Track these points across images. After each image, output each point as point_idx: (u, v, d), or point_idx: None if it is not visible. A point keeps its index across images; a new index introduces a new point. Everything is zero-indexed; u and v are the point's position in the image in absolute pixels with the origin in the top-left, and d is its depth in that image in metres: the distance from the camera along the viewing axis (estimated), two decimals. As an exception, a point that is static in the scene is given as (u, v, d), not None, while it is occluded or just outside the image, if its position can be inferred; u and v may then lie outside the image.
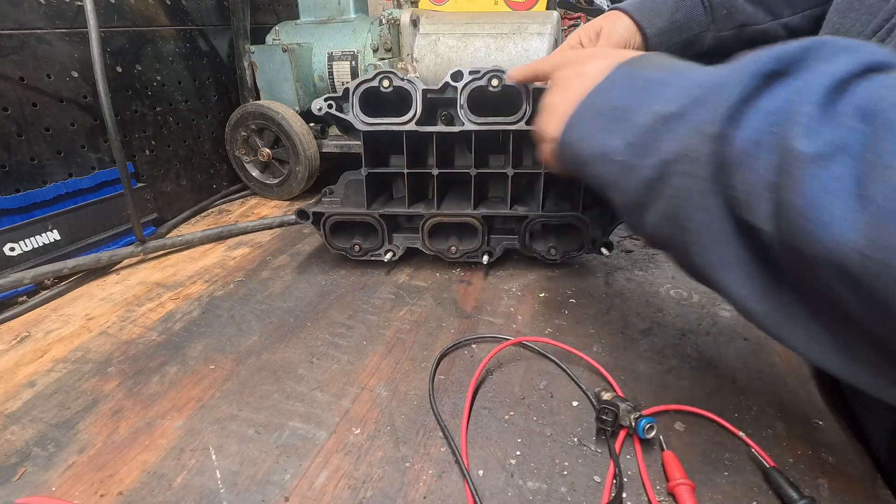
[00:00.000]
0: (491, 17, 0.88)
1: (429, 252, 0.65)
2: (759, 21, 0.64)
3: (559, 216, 0.63)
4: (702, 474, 0.37)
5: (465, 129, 0.60)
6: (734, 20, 0.64)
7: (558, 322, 0.55)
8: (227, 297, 0.63)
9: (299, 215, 0.65)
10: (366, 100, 0.61)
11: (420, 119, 0.60)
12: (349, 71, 0.89)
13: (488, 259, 0.65)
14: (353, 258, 0.67)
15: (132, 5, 0.77)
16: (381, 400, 0.45)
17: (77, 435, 0.42)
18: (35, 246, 0.65)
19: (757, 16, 0.64)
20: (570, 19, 1.28)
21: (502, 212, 0.64)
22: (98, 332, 0.56)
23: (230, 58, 0.97)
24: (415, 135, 0.61)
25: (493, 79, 0.57)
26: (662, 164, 0.30)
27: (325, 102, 0.60)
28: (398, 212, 0.66)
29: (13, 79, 0.63)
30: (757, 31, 0.64)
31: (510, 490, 0.36)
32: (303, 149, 0.88)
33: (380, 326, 0.56)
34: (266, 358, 0.51)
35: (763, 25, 0.64)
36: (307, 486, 0.37)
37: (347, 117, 0.61)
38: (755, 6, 0.64)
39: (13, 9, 0.62)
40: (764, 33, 0.64)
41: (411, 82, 0.60)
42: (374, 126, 0.61)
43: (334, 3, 0.94)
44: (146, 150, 0.82)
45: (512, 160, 0.62)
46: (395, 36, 0.86)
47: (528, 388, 0.46)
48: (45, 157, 0.67)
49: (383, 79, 0.59)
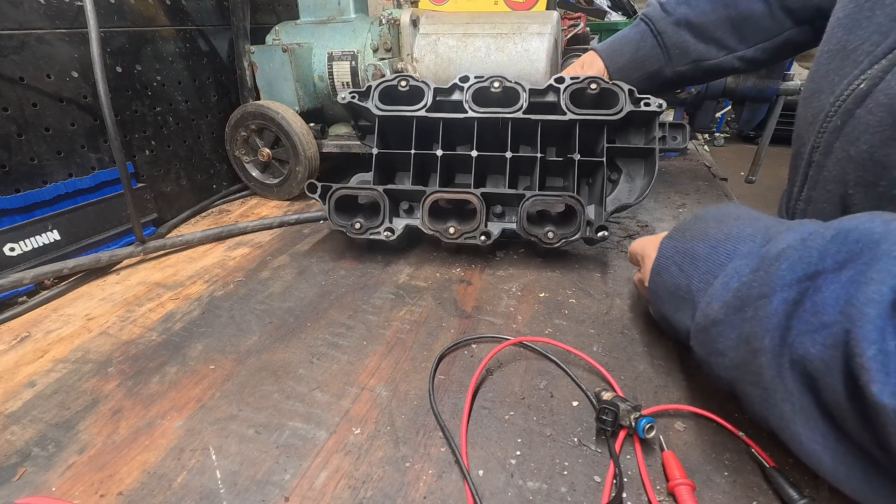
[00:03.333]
0: (491, 17, 0.88)
1: (428, 231, 0.65)
2: (711, 56, 0.73)
3: (555, 195, 0.64)
4: (702, 474, 0.37)
5: (470, 116, 0.68)
6: (688, 56, 0.74)
7: (558, 322, 0.55)
8: (227, 297, 0.63)
9: (309, 188, 0.68)
10: (381, 97, 0.70)
11: (429, 109, 0.69)
12: (349, 71, 0.89)
13: (485, 240, 0.64)
14: (351, 235, 0.67)
15: (132, 5, 0.77)
16: (381, 400, 0.45)
17: (77, 435, 0.42)
18: (35, 246, 0.65)
19: (709, 52, 0.73)
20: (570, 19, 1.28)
21: (501, 190, 0.66)
22: (98, 332, 0.56)
23: (230, 58, 0.97)
24: (424, 121, 0.69)
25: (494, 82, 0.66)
26: (735, 343, 0.33)
27: (349, 94, 0.71)
28: (402, 188, 0.68)
29: (13, 79, 0.63)
30: (711, 65, 0.74)
31: (510, 490, 0.36)
32: (303, 149, 0.88)
33: (380, 326, 0.56)
34: (266, 358, 0.51)
35: (716, 60, 0.73)
36: (307, 486, 0.37)
37: (367, 105, 0.70)
38: (707, 44, 0.73)
39: (13, 9, 0.62)
40: (719, 66, 0.74)
41: (424, 83, 0.69)
42: (389, 112, 0.69)
43: (334, 3, 0.94)
44: (146, 150, 0.82)
45: (510, 145, 0.67)
46: (395, 36, 0.86)
47: (528, 388, 0.46)
48: (45, 158, 0.67)
49: (401, 80, 0.69)
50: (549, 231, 0.64)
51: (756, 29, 0.70)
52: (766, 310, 0.30)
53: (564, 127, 0.67)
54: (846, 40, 0.45)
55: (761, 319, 0.31)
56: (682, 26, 0.72)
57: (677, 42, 0.73)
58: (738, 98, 1.09)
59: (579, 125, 0.66)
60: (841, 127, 0.44)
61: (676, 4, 0.72)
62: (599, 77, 0.66)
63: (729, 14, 0.69)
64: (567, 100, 0.66)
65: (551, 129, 0.68)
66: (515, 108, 0.67)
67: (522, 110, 0.66)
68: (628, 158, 0.69)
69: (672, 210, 0.86)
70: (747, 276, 0.33)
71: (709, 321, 0.35)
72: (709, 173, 1.07)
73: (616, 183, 0.70)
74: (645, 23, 0.75)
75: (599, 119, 0.66)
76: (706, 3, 0.70)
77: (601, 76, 0.71)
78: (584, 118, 0.66)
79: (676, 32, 0.72)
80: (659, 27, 0.73)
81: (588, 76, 0.66)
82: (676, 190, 0.96)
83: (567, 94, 0.66)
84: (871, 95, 0.41)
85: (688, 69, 0.75)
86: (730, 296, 0.34)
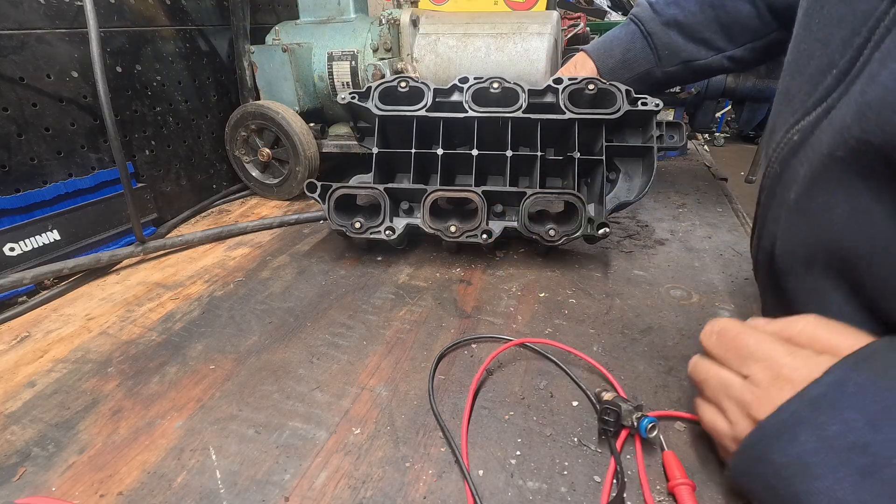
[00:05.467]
0: (491, 17, 0.88)
1: (429, 230, 0.65)
2: (701, 57, 0.73)
3: (556, 192, 0.64)
4: (702, 474, 0.37)
5: (470, 115, 0.68)
6: (678, 57, 0.74)
7: (558, 322, 0.55)
8: (227, 297, 0.63)
9: (308, 188, 0.68)
10: (380, 97, 0.70)
11: (429, 109, 0.69)
12: (349, 71, 0.89)
13: (487, 238, 0.64)
14: (351, 235, 0.66)
15: (132, 5, 0.77)
16: (381, 400, 0.45)
17: (77, 435, 0.42)
18: (35, 246, 0.65)
19: (699, 52, 0.73)
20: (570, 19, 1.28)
21: (502, 188, 0.66)
22: (98, 332, 0.56)
23: (230, 58, 0.97)
24: (424, 120, 0.69)
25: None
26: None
27: (349, 94, 0.70)
28: (403, 186, 0.68)
29: (13, 79, 0.63)
30: (700, 65, 0.74)
31: (510, 490, 0.36)
32: (303, 149, 0.88)
33: (380, 326, 0.56)
34: (266, 358, 0.51)
35: (706, 60, 0.73)
36: (307, 486, 0.37)
37: (367, 105, 0.70)
38: (696, 44, 0.73)
39: (13, 9, 0.62)
40: (708, 66, 0.74)
41: (424, 83, 0.69)
42: (389, 112, 0.69)
43: (334, 3, 0.94)
44: (146, 150, 0.82)
45: (510, 144, 0.67)
46: (395, 36, 0.86)
47: (528, 388, 0.46)
48: (45, 158, 0.67)
49: (401, 81, 0.69)
50: (551, 229, 0.64)
51: (743, 30, 0.70)
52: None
53: (563, 126, 0.67)
54: (789, 85, 0.43)
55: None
56: (672, 27, 0.72)
57: (667, 43, 0.73)
58: (738, 98, 1.09)
59: (578, 124, 0.66)
60: (780, 174, 0.41)
61: (666, 5, 0.72)
62: (597, 77, 0.66)
63: (717, 15, 0.70)
64: (566, 99, 0.66)
65: (550, 128, 0.68)
66: (515, 107, 0.67)
67: (522, 110, 0.67)
68: (626, 158, 0.70)
69: (672, 210, 0.86)
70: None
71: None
72: (709, 173, 1.07)
73: (615, 182, 0.70)
74: (635, 23, 0.75)
75: (598, 118, 0.66)
76: (694, 4, 0.71)
77: (597, 77, 0.72)
78: (583, 117, 0.66)
79: (666, 33, 0.72)
80: (649, 28, 0.73)
81: (586, 77, 0.66)
82: (676, 190, 0.96)
83: (565, 95, 0.67)
84: (803, 148, 0.38)
85: (677, 70, 0.75)
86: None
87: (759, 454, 0.30)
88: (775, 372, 0.31)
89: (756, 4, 0.68)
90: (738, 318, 0.38)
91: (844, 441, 0.26)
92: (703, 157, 1.18)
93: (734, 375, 0.34)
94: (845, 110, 0.33)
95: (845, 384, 0.28)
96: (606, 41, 0.78)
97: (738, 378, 0.34)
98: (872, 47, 0.32)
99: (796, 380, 0.30)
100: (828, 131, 0.35)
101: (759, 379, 0.32)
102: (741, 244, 0.73)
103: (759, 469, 0.30)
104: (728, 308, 0.57)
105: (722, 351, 0.36)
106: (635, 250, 0.72)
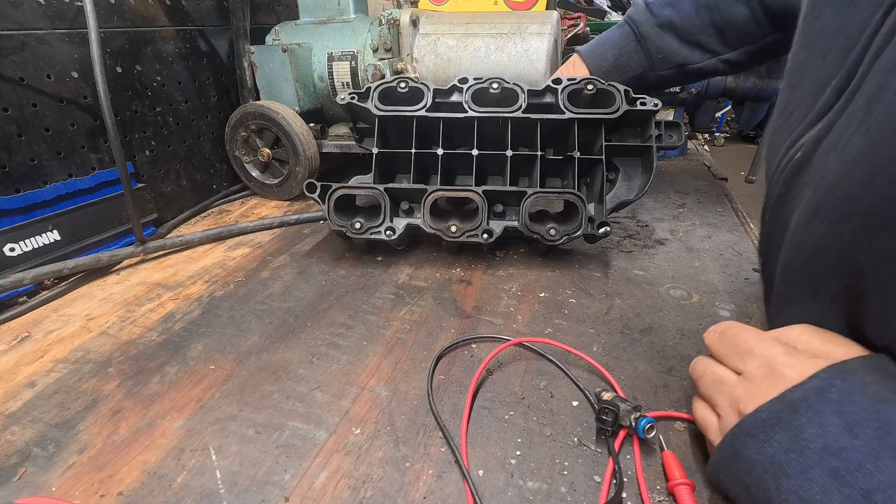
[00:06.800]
0: (491, 17, 0.88)
1: (430, 230, 0.65)
2: (695, 60, 0.73)
3: (557, 191, 0.64)
4: (701, 474, 0.37)
5: (470, 115, 0.68)
6: (672, 61, 0.73)
7: (558, 322, 0.55)
8: (227, 297, 0.63)
9: (308, 188, 0.68)
10: (380, 98, 0.70)
11: (429, 110, 0.69)
12: (349, 71, 0.89)
13: (488, 238, 0.64)
14: (351, 235, 0.66)
15: (132, 6, 0.77)
16: (381, 400, 0.45)
17: (77, 435, 0.42)
18: (35, 246, 0.65)
19: (693, 56, 0.72)
20: (570, 19, 1.28)
21: (502, 187, 0.66)
22: (98, 333, 0.56)
23: (230, 58, 0.97)
24: (424, 120, 0.69)
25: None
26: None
27: (348, 95, 0.71)
28: (403, 186, 0.68)
29: (13, 79, 0.63)
30: (695, 68, 0.73)
31: (510, 490, 0.36)
32: (303, 149, 0.88)
33: (380, 326, 0.56)
34: (266, 358, 0.51)
35: (700, 64, 0.73)
36: (307, 486, 0.37)
37: (366, 105, 0.70)
38: (690, 48, 0.72)
39: (13, 9, 0.62)
40: (702, 70, 0.73)
41: (424, 84, 0.69)
42: (388, 112, 0.69)
43: (334, 4, 0.94)
44: (146, 151, 0.83)
45: (510, 144, 0.67)
46: (395, 36, 0.86)
47: (527, 388, 0.46)
48: (45, 158, 0.67)
49: (401, 81, 0.69)
50: (552, 228, 0.64)
51: (738, 33, 0.69)
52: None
53: (563, 126, 0.67)
54: (788, 98, 0.41)
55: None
56: (666, 29, 0.71)
57: (661, 46, 0.72)
58: (738, 98, 1.09)
59: (577, 124, 0.66)
60: (785, 195, 0.38)
61: (661, 6, 0.72)
62: (596, 78, 0.66)
63: (712, 17, 0.69)
64: (565, 99, 0.67)
65: (550, 128, 0.68)
66: (514, 107, 0.67)
67: (521, 110, 0.67)
68: (626, 157, 0.70)
69: (672, 210, 0.86)
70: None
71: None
72: (709, 173, 1.07)
73: (614, 182, 0.70)
74: (629, 26, 0.74)
75: (597, 118, 0.66)
76: (689, 6, 0.70)
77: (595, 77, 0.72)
78: (583, 117, 0.66)
79: (660, 36, 0.72)
80: (642, 31, 0.73)
81: (585, 77, 0.66)
82: (676, 190, 0.96)
83: (565, 95, 0.67)
84: (807, 168, 0.35)
85: (671, 73, 0.74)
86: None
87: (736, 451, 0.31)
88: (771, 367, 0.32)
89: (752, 7, 0.67)
90: (738, 319, 0.38)
91: (819, 443, 0.27)
92: (703, 157, 1.18)
93: (729, 371, 0.35)
94: (851, 131, 0.30)
95: (828, 390, 0.28)
96: (599, 44, 0.78)
97: (733, 374, 0.34)
98: (871, 59, 0.30)
99: (790, 377, 0.30)
100: (832, 154, 0.32)
101: (754, 374, 0.32)
102: (741, 244, 0.73)
103: (734, 466, 0.31)
104: (728, 308, 0.57)
105: (722, 347, 0.37)
106: (635, 250, 0.72)
